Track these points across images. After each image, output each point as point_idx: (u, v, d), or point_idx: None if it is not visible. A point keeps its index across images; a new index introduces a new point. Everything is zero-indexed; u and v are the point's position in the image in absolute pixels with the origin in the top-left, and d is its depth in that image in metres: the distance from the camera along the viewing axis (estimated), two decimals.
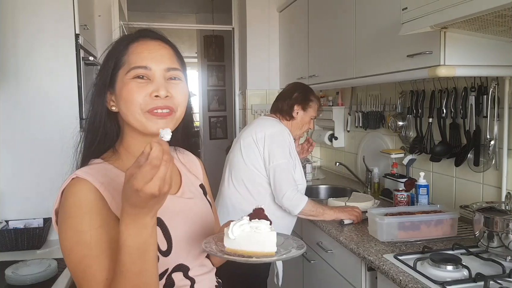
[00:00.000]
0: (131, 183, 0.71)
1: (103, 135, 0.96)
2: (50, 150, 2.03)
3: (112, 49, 0.97)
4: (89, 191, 0.86)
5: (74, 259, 0.83)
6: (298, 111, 2.26)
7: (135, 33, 0.98)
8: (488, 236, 1.54)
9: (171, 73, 0.93)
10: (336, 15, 2.60)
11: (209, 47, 5.91)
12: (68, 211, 0.85)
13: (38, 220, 2.02)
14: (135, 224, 0.76)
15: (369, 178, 2.78)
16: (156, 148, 0.72)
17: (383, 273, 1.54)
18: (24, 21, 2.03)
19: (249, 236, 0.86)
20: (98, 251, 0.83)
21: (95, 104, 0.96)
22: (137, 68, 0.90)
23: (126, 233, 0.76)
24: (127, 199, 0.74)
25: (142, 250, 0.78)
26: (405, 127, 2.47)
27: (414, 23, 1.59)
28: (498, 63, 1.68)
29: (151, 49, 0.93)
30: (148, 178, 0.71)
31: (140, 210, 0.75)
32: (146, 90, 0.89)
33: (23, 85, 2.04)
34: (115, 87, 0.93)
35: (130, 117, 0.91)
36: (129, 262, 0.77)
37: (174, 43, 1.02)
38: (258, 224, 0.86)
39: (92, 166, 0.92)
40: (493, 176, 1.91)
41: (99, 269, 0.82)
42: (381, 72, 2.06)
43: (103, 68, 0.96)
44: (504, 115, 1.83)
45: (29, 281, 1.55)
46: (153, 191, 0.71)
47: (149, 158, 0.71)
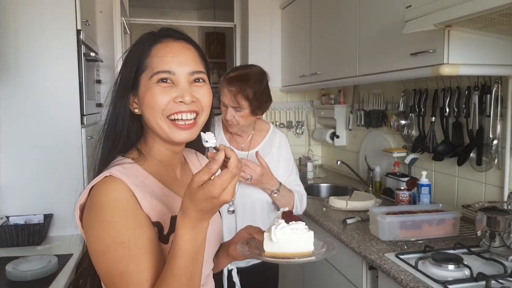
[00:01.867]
0: (207, 190, 0.71)
1: (126, 138, 0.94)
2: (51, 146, 2.03)
3: (134, 50, 0.93)
4: (124, 190, 0.83)
5: (110, 260, 0.80)
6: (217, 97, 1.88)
7: (157, 33, 0.94)
8: (490, 235, 1.53)
9: (196, 76, 0.91)
10: (339, 12, 2.58)
11: (210, 44, 5.90)
12: (102, 210, 0.82)
13: (39, 216, 2.02)
14: (195, 228, 0.76)
15: (370, 177, 2.78)
16: (235, 157, 0.73)
17: (384, 272, 1.54)
18: (25, 16, 2.03)
19: (289, 237, 0.88)
20: (137, 251, 0.81)
21: (117, 107, 0.93)
22: (160, 72, 0.88)
23: (185, 237, 0.76)
24: (196, 205, 0.74)
25: (196, 254, 0.78)
26: (407, 126, 2.46)
27: (418, 21, 1.58)
28: (502, 62, 1.67)
29: (174, 52, 0.90)
30: (226, 186, 0.72)
31: (204, 215, 0.75)
32: (170, 95, 0.87)
33: (24, 80, 2.04)
34: (138, 91, 0.91)
35: (153, 122, 0.89)
36: (184, 266, 0.77)
37: None
38: (297, 226, 0.89)
39: (125, 166, 0.89)
40: (495, 176, 1.90)
41: (138, 270, 0.80)
42: (384, 71, 2.05)
43: (124, 69, 0.93)
44: (507, 115, 1.82)
45: (29, 277, 1.56)
46: (227, 198, 0.73)
47: (230, 167, 0.72)
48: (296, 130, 3.80)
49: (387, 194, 2.53)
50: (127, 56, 0.95)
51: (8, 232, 1.90)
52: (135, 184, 0.85)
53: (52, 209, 2.06)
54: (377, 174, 2.73)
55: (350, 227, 2.00)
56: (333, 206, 2.34)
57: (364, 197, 2.39)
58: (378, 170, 2.73)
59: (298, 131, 3.80)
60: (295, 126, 3.80)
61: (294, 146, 3.79)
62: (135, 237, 0.81)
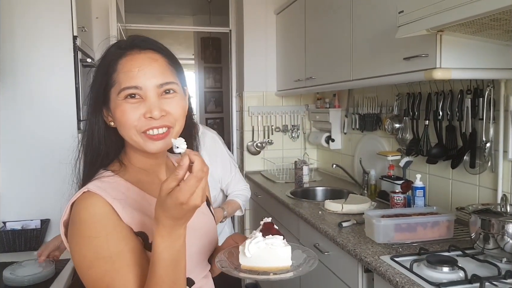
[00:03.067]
0: (175, 197, 0.72)
1: (105, 153, 0.94)
2: (48, 151, 2.03)
3: (102, 64, 0.92)
4: (103, 205, 0.83)
5: (95, 275, 0.81)
6: None
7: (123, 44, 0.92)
8: (484, 238, 1.54)
9: (164, 88, 0.88)
10: (333, 17, 2.61)
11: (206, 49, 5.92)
12: (82, 227, 0.82)
13: (36, 222, 2.02)
14: (170, 236, 0.77)
15: (365, 180, 2.79)
16: (199, 161, 0.73)
17: (379, 275, 1.55)
18: (22, 23, 2.03)
19: (265, 252, 0.87)
20: (120, 265, 0.81)
21: (91, 122, 0.93)
22: (127, 89, 0.86)
23: (162, 246, 0.77)
24: (167, 212, 0.74)
25: (176, 261, 0.79)
26: (401, 129, 2.48)
27: (410, 26, 1.60)
28: (493, 66, 1.69)
29: (140, 66, 0.87)
30: (193, 190, 0.72)
31: (176, 222, 0.76)
32: (139, 111, 0.86)
33: (21, 87, 2.04)
34: (110, 106, 0.90)
35: (127, 136, 0.89)
36: (165, 274, 0.78)
37: (168, 46, 0.96)
38: (273, 240, 0.87)
39: (103, 179, 0.90)
40: (489, 178, 1.92)
41: (122, 282, 0.81)
42: (378, 75, 2.07)
43: (94, 84, 0.93)
44: (499, 118, 1.84)
45: (27, 282, 1.56)
46: (196, 203, 0.73)
47: (194, 171, 0.72)
48: (292, 134, 3.82)
49: (382, 197, 2.54)
50: (96, 70, 0.94)
51: (5, 238, 1.90)
52: (113, 197, 0.85)
53: (49, 214, 2.06)
54: (372, 177, 2.74)
55: (346, 230, 2.01)
56: (328, 210, 2.35)
57: (360, 200, 2.40)
58: (373, 173, 2.74)
59: (294, 135, 3.82)
60: (290, 130, 3.81)
61: (289, 150, 3.83)
62: (117, 250, 0.82)
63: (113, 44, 0.95)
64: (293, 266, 0.90)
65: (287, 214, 2.64)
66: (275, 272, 0.87)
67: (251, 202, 3.70)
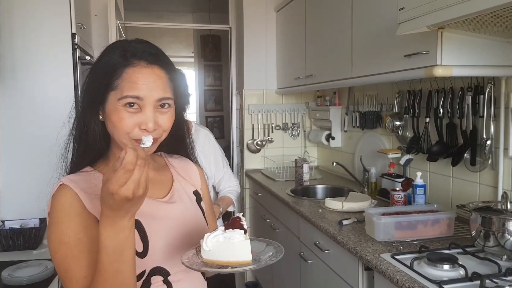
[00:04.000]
0: (107, 187, 0.76)
1: (96, 146, 0.99)
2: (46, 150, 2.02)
3: (104, 64, 0.95)
4: (70, 196, 0.91)
5: (58, 259, 0.89)
6: None
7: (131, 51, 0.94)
8: (484, 235, 1.54)
9: (162, 102, 0.94)
10: (334, 15, 2.60)
11: (206, 46, 5.91)
12: (53, 215, 0.91)
13: (34, 221, 2.01)
14: (113, 226, 0.80)
15: (366, 178, 2.79)
16: (130, 154, 0.76)
17: (380, 273, 1.54)
18: (20, 20, 2.03)
19: (224, 246, 0.87)
20: (77, 251, 0.88)
21: (86, 117, 0.97)
22: (129, 97, 0.91)
23: (104, 235, 0.81)
24: (104, 202, 0.78)
25: (119, 251, 0.82)
26: (402, 127, 2.47)
27: (411, 23, 1.59)
28: (494, 63, 1.68)
29: (146, 79, 0.92)
30: (122, 181, 0.75)
31: (117, 213, 0.79)
32: (135, 120, 0.91)
33: (19, 84, 2.04)
34: (105, 105, 0.94)
35: (116, 138, 0.95)
36: (107, 262, 0.82)
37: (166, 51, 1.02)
38: (231, 234, 0.88)
39: (79, 173, 0.98)
40: (489, 176, 1.91)
41: (77, 268, 0.87)
42: (378, 72, 2.06)
43: (94, 81, 0.97)
44: (500, 115, 1.83)
45: (25, 281, 1.56)
46: (127, 194, 0.75)
47: (123, 163, 0.75)
48: (292, 132, 3.81)
49: (382, 195, 2.54)
50: (96, 67, 0.98)
51: (3, 237, 1.90)
52: (81, 189, 0.92)
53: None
54: (372, 175, 2.74)
55: (346, 228, 2.01)
56: (329, 207, 2.34)
57: (360, 198, 2.40)
58: (374, 171, 2.74)
59: (294, 133, 3.81)
60: (290, 128, 3.81)
61: (290, 148, 3.82)
62: (76, 238, 0.88)
63: (120, 44, 0.98)
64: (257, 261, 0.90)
65: (287, 212, 2.64)
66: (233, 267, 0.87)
67: (251, 200, 3.70)
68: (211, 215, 1.19)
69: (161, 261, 0.98)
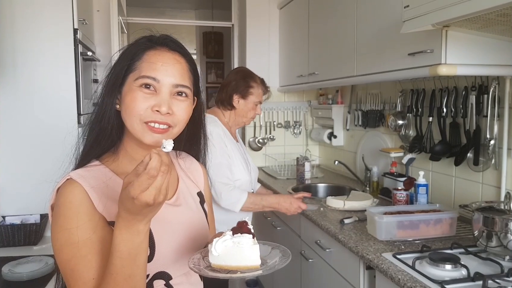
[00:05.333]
0: (128, 190, 0.74)
1: (109, 134, 0.96)
2: (48, 145, 2.02)
3: (128, 50, 0.95)
4: (79, 193, 0.88)
5: (63, 258, 0.86)
6: (239, 100, 2.23)
7: (155, 39, 0.96)
8: (487, 235, 1.53)
9: (179, 89, 0.93)
10: (337, 12, 2.58)
11: (208, 43, 5.89)
12: (59, 211, 0.87)
13: (35, 216, 2.01)
14: (128, 229, 0.78)
15: (368, 177, 2.78)
16: (155, 159, 0.74)
17: (381, 272, 1.54)
18: (22, 16, 2.02)
19: (233, 251, 0.87)
20: (86, 251, 0.85)
21: (104, 103, 0.95)
22: (146, 77, 0.90)
23: (119, 238, 0.79)
24: (123, 205, 0.76)
25: (133, 256, 0.80)
26: (405, 126, 2.46)
27: (415, 21, 1.58)
28: (499, 63, 1.67)
29: (165, 61, 0.92)
30: (144, 187, 0.73)
31: (134, 217, 0.77)
32: (149, 102, 0.89)
33: (21, 80, 2.03)
34: (122, 89, 0.93)
35: (128, 123, 0.92)
36: (120, 266, 0.80)
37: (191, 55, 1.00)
38: (240, 239, 0.87)
39: (87, 168, 0.94)
40: (492, 176, 1.90)
41: (86, 269, 0.84)
42: (382, 71, 2.05)
43: (116, 67, 0.96)
44: (504, 115, 1.82)
45: (26, 277, 1.55)
46: (148, 200, 0.73)
47: (147, 168, 0.73)
48: (294, 130, 3.80)
49: (384, 194, 2.53)
50: (121, 54, 0.97)
51: (4, 232, 1.90)
52: (91, 186, 0.89)
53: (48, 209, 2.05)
54: (374, 174, 2.73)
55: (348, 227, 2.00)
56: (330, 206, 2.34)
57: (362, 197, 2.39)
58: (376, 170, 2.73)
59: (296, 131, 3.80)
60: (292, 126, 3.80)
61: (292, 146, 3.81)
62: (85, 238, 0.85)
63: (144, 36, 0.99)
64: (264, 264, 0.90)
65: None
66: (242, 271, 0.87)
67: None
68: (211, 216, 1.18)
69: (165, 265, 0.97)
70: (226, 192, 2.07)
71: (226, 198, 2.07)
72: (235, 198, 2.09)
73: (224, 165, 2.10)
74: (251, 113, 2.26)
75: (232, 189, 2.09)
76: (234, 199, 2.08)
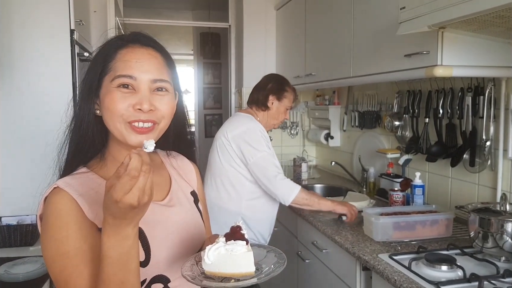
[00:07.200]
0: (111, 194, 0.71)
1: (91, 141, 0.93)
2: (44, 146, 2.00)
3: (101, 53, 0.93)
4: (68, 201, 0.85)
5: (56, 269, 0.83)
6: (273, 101, 2.28)
7: (126, 37, 0.94)
8: (482, 236, 1.54)
9: (158, 85, 0.90)
10: (334, 14, 2.59)
11: (205, 44, 5.89)
12: (48, 221, 0.85)
13: (31, 217, 2.00)
14: (116, 235, 0.76)
15: (364, 178, 2.78)
16: (135, 159, 0.71)
17: (378, 273, 1.54)
18: (19, 16, 2.01)
19: (226, 258, 0.85)
20: (77, 261, 0.82)
21: (81, 109, 0.92)
22: (122, 77, 0.87)
23: (107, 244, 0.76)
24: (108, 210, 0.74)
25: (124, 261, 0.78)
26: (401, 127, 2.47)
27: (411, 22, 1.58)
28: (495, 64, 1.68)
29: (139, 58, 0.89)
30: (127, 189, 0.71)
31: (121, 221, 0.75)
32: (129, 101, 0.86)
33: (17, 81, 2.02)
34: (100, 92, 0.90)
35: (112, 125, 0.89)
36: (111, 273, 0.77)
37: (166, 48, 0.97)
38: (233, 246, 0.85)
39: (74, 176, 0.91)
40: (488, 177, 1.91)
41: (79, 279, 0.82)
42: (378, 72, 2.06)
43: (90, 71, 0.93)
44: (500, 116, 1.83)
45: (22, 278, 1.55)
46: (132, 202, 0.71)
47: (127, 169, 0.71)
48: (291, 131, 3.80)
49: (381, 195, 2.54)
50: (93, 58, 0.95)
51: (0, 233, 1.89)
52: (79, 194, 0.86)
53: None
54: (371, 175, 2.74)
55: (344, 227, 2.00)
56: None
57: (359, 198, 2.39)
58: (372, 171, 2.73)
59: (293, 132, 3.81)
60: (289, 127, 3.80)
61: (288, 147, 3.81)
62: (76, 247, 0.83)
63: (115, 36, 0.96)
64: (259, 270, 0.88)
65: (285, 211, 2.63)
66: (236, 279, 0.85)
67: None
68: (205, 215, 1.16)
69: (162, 269, 0.94)
70: (280, 179, 2.07)
71: (281, 186, 2.06)
72: (289, 188, 2.07)
73: (271, 155, 2.13)
74: (282, 117, 2.32)
75: (284, 178, 2.09)
76: (288, 189, 2.06)
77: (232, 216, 2.19)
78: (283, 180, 2.08)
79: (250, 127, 2.16)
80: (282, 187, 2.07)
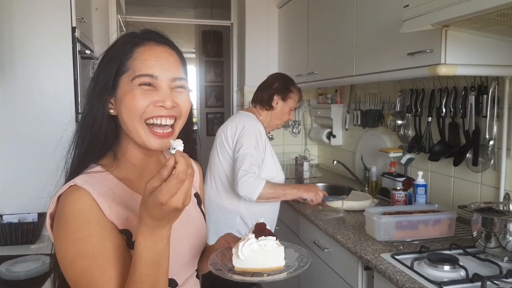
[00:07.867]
0: (156, 197, 0.71)
1: (104, 140, 0.92)
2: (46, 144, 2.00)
3: (115, 50, 0.91)
4: (87, 200, 0.83)
5: (76, 271, 0.81)
6: (278, 101, 2.27)
7: (140, 34, 0.93)
8: (485, 236, 1.53)
9: (177, 83, 0.90)
10: (337, 11, 2.58)
11: (207, 42, 5.88)
12: (66, 221, 0.82)
13: (33, 215, 2.00)
14: (153, 236, 0.76)
15: (366, 177, 2.77)
16: (182, 162, 0.72)
17: (380, 273, 1.53)
18: (20, 13, 2.01)
19: (258, 253, 0.87)
20: (102, 261, 0.81)
21: (94, 108, 0.90)
22: (143, 76, 0.86)
23: (143, 245, 0.76)
24: (149, 212, 0.73)
25: (157, 262, 0.78)
26: (404, 126, 2.45)
27: (415, 20, 1.57)
28: (499, 63, 1.67)
29: (158, 57, 0.89)
30: (173, 192, 0.71)
31: (159, 223, 0.75)
32: (151, 98, 0.86)
33: (19, 79, 2.02)
34: (117, 92, 0.89)
35: (130, 125, 0.88)
36: (145, 274, 0.77)
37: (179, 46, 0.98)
38: (266, 242, 0.88)
39: (92, 174, 0.89)
40: (491, 177, 1.90)
41: (104, 279, 0.80)
42: (381, 70, 2.05)
43: (104, 69, 0.91)
44: (503, 115, 1.82)
45: (23, 276, 1.55)
46: (177, 205, 0.72)
47: (176, 172, 0.71)
48: (293, 130, 3.79)
49: (383, 194, 2.53)
50: (106, 55, 0.93)
51: (1, 231, 1.89)
52: (99, 193, 0.84)
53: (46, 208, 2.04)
54: (373, 174, 2.73)
55: (346, 227, 1.99)
56: (329, 206, 2.33)
57: (361, 197, 2.39)
58: (374, 170, 2.73)
59: (295, 131, 3.80)
60: (291, 126, 3.79)
61: (290, 146, 3.81)
62: (100, 247, 0.81)
63: (127, 33, 0.95)
64: (286, 266, 0.91)
65: (287, 210, 2.63)
66: (268, 273, 0.87)
67: None
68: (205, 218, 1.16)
69: (172, 272, 0.91)
70: (243, 179, 2.03)
71: (243, 186, 2.03)
72: (252, 186, 2.03)
73: (252, 155, 2.09)
74: (285, 117, 2.33)
75: (250, 176, 2.04)
76: (251, 187, 2.03)
77: (231, 215, 2.19)
78: (246, 181, 2.03)
79: (247, 124, 2.16)
80: (244, 188, 2.03)
